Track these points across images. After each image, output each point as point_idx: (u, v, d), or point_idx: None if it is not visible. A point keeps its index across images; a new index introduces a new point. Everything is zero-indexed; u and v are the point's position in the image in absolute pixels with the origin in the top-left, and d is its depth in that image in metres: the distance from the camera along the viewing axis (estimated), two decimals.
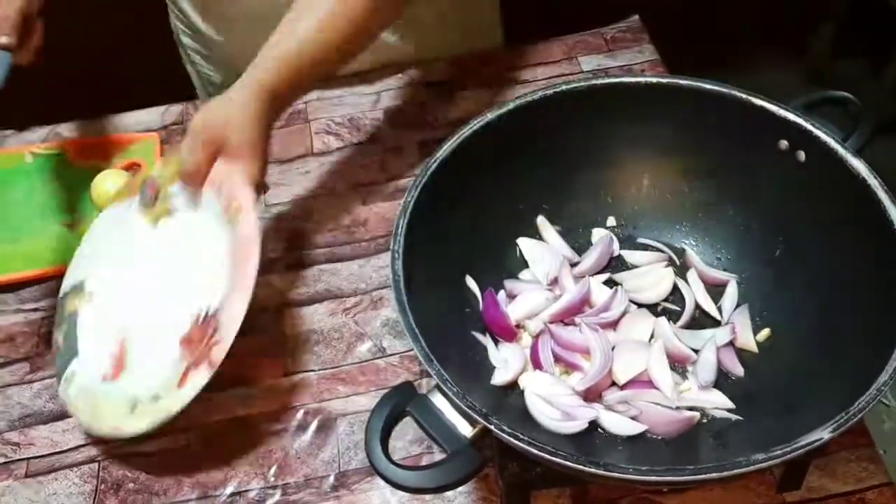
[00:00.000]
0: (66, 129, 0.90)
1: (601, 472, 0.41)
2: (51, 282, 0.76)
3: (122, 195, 0.73)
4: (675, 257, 0.64)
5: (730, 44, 1.72)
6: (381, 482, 0.59)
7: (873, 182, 0.52)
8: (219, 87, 0.96)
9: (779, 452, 0.41)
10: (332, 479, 0.61)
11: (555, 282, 0.62)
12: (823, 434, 0.41)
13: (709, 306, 0.61)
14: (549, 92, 0.61)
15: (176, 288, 0.65)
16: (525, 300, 0.60)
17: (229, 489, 0.61)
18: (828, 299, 0.55)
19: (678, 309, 0.62)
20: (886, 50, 1.75)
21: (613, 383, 0.56)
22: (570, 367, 0.56)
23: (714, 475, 0.40)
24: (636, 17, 0.94)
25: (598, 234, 0.66)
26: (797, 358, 0.55)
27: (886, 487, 0.57)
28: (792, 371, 0.55)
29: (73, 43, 1.47)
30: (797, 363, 0.55)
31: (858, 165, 0.53)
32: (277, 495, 0.60)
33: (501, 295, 0.61)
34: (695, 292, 0.62)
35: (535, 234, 0.66)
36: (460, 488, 0.58)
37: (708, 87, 0.59)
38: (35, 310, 0.74)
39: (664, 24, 1.04)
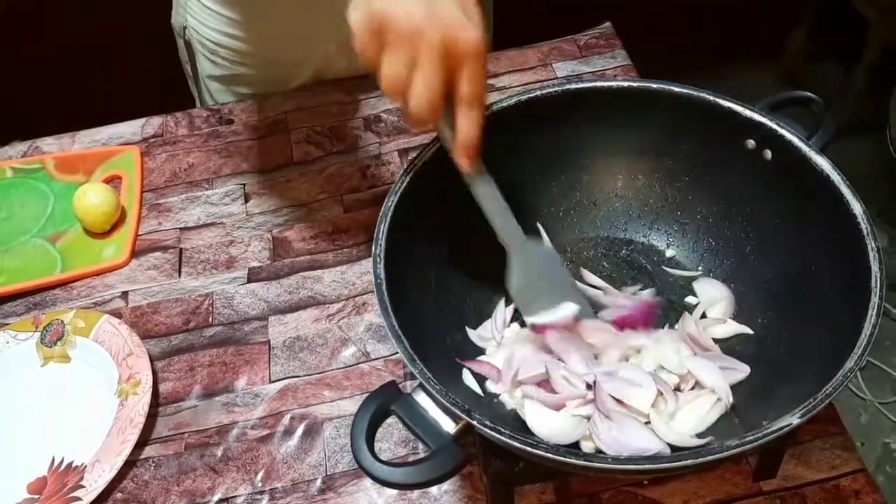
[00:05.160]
0: (46, 144, 0.90)
1: (581, 462, 0.42)
2: (34, 296, 0.76)
3: (25, 326, 0.72)
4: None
5: (705, 49, 1.75)
6: (368, 484, 0.60)
7: (836, 178, 0.54)
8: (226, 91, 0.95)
9: (750, 438, 0.42)
10: (319, 482, 0.61)
11: None
12: (793, 419, 0.43)
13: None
14: (524, 97, 0.62)
15: (40, 432, 0.66)
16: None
17: (217, 496, 0.61)
18: (797, 291, 0.57)
19: None
20: (856, 53, 1.79)
21: None
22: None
23: (690, 462, 0.42)
24: (608, 23, 0.96)
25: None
26: (768, 349, 0.57)
27: (860, 474, 0.58)
28: (763, 362, 0.57)
29: (52, 58, 1.47)
30: (768, 354, 0.57)
31: (822, 162, 0.55)
32: (265, 500, 0.61)
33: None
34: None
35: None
36: (446, 487, 0.59)
37: (677, 89, 0.61)
38: None
39: (640, 31, 1.06)
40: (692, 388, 0.56)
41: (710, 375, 0.55)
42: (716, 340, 0.59)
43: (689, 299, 0.63)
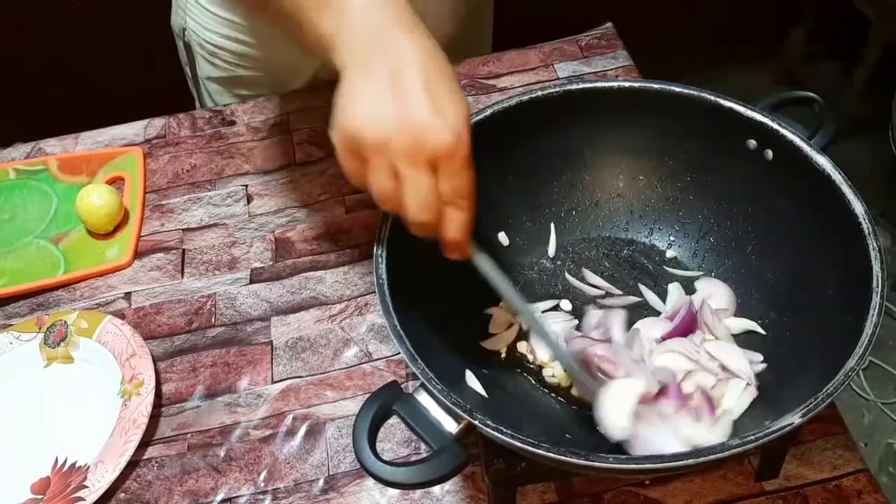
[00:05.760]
0: (49, 146, 0.91)
1: (582, 461, 0.42)
2: (37, 297, 0.76)
3: (28, 326, 0.72)
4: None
5: (706, 49, 1.76)
6: (371, 484, 0.61)
7: (837, 178, 0.54)
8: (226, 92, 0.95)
9: (752, 438, 0.42)
10: (321, 482, 0.62)
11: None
12: (794, 419, 0.43)
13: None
14: (525, 98, 0.62)
15: (44, 432, 0.66)
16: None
17: (220, 496, 0.62)
18: (798, 291, 0.57)
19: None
20: (856, 53, 1.79)
21: None
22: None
23: (691, 461, 0.42)
24: (609, 24, 0.96)
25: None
26: (770, 349, 0.57)
27: (862, 474, 0.58)
28: (765, 361, 0.57)
29: (54, 60, 1.48)
30: (770, 354, 0.57)
31: (823, 162, 0.55)
32: (268, 500, 0.61)
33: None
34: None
35: (513, 233, 0.67)
36: (448, 487, 0.59)
37: (678, 90, 0.61)
38: None
39: (641, 31, 1.06)
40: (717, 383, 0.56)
41: (734, 358, 0.55)
42: None
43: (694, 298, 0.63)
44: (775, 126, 0.57)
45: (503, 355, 0.62)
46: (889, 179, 1.71)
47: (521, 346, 0.62)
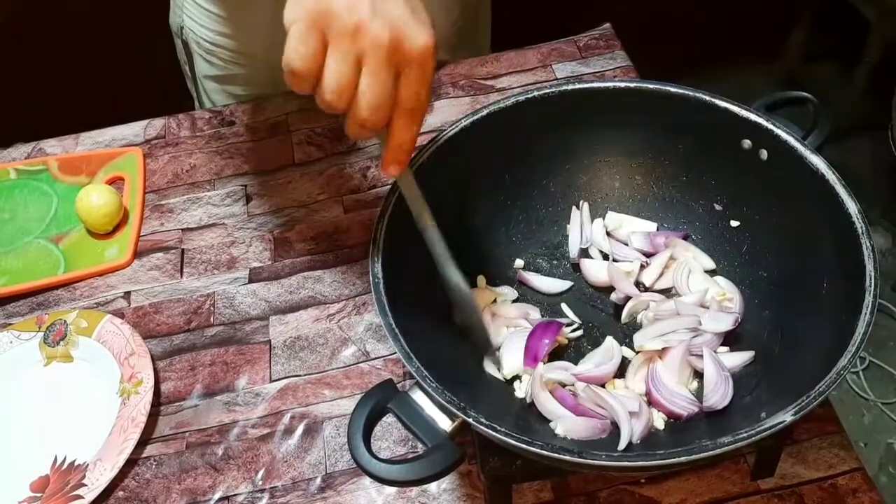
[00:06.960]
0: (50, 146, 0.91)
1: (574, 458, 0.42)
2: (37, 296, 0.77)
3: (28, 325, 0.73)
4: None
5: (706, 50, 1.76)
6: (368, 482, 0.61)
7: (831, 177, 0.54)
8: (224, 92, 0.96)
9: (744, 435, 0.43)
10: (318, 480, 0.62)
11: None
12: (786, 417, 0.43)
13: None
14: (522, 98, 0.63)
15: (43, 431, 0.66)
16: None
17: (218, 494, 0.62)
18: (792, 289, 0.57)
19: None
20: (856, 53, 1.79)
21: None
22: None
23: (683, 458, 0.42)
24: (608, 24, 0.97)
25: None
26: (763, 347, 0.57)
27: (857, 472, 0.59)
28: (759, 360, 0.57)
29: (55, 60, 1.48)
30: (763, 352, 0.57)
31: (817, 162, 0.55)
32: (265, 498, 0.61)
33: None
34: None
35: (509, 232, 0.67)
36: (445, 486, 0.60)
37: (673, 90, 0.61)
38: None
39: (639, 31, 1.06)
40: None
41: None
42: None
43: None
44: (770, 126, 0.58)
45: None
46: (889, 179, 1.71)
47: (486, 365, 0.60)
